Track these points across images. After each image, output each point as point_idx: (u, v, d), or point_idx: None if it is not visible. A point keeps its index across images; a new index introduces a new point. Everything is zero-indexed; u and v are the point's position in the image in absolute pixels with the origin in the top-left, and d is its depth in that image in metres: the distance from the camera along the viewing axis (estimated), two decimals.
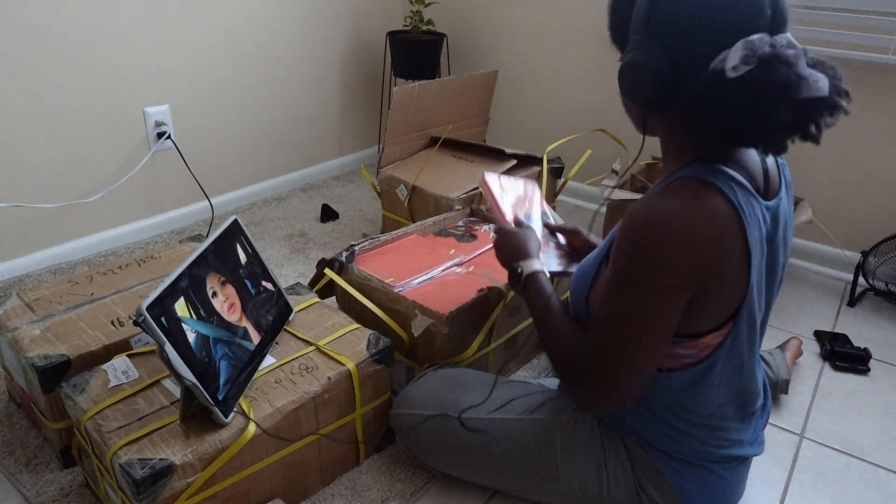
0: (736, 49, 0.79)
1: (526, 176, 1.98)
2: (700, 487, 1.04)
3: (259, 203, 2.37)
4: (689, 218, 0.84)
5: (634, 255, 0.86)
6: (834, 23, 1.83)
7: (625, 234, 0.88)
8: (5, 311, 1.27)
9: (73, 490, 1.18)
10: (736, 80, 0.79)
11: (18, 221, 1.79)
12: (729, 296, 0.89)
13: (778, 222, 0.94)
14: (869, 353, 1.62)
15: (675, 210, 0.84)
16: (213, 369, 1.00)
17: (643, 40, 0.86)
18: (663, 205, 0.85)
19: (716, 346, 0.93)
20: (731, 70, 0.79)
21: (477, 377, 1.22)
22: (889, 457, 1.35)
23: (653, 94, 0.87)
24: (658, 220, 0.84)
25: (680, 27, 0.84)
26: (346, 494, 1.20)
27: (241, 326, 1.10)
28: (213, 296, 1.06)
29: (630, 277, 0.88)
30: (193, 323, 1.00)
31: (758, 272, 0.90)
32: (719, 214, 0.85)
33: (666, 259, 0.84)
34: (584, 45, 2.30)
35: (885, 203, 1.92)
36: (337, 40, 2.47)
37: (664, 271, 0.85)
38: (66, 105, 1.79)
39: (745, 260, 0.88)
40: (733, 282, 0.88)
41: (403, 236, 1.60)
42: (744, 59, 0.78)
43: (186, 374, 0.95)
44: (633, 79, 0.88)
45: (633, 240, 0.86)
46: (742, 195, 0.87)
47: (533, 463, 1.10)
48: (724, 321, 0.91)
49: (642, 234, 0.85)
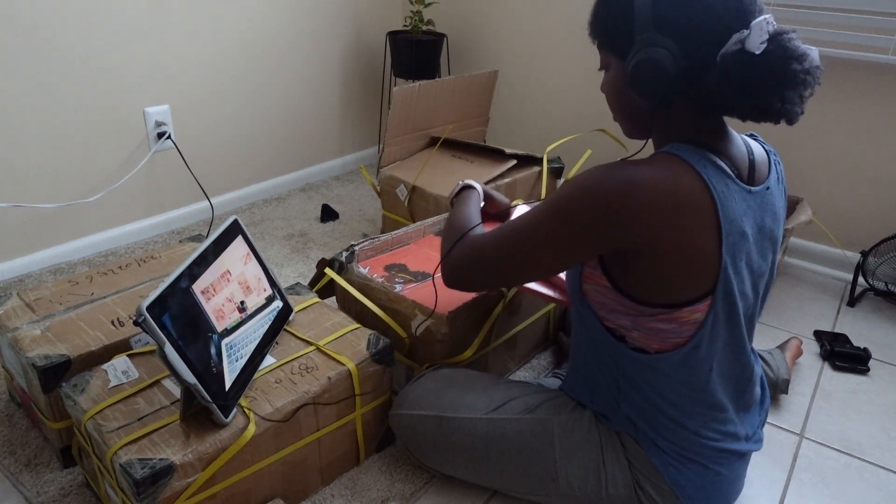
0: (756, 29, 0.82)
1: (526, 176, 1.99)
2: (697, 484, 1.04)
3: (259, 203, 2.37)
4: (643, 181, 0.87)
5: (572, 189, 0.91)
6: (834, 23, 1.83)
7: (571, 179, 0.93)
8: (5, 311, 1.27)
9: (73, 490, 1.18)
10: (759, 57, 0.83)
11: (18, 221, 1.79)
12: (696, 268, 0.91)
13: (766, 209, 0.97)
14: (869, 353, 1.62)
15: (632, 171, 0.88)
16: (213, 369, 1.00)
17: (654, 37, 0.87)
18: (622, 165, 0.89)
19: (697, 324, 0.94)
20: (758, 47, 0.82)
21: (476, 377, 1.22)
22: (889, 457, 1.35)
23: (671, 88, 0.89)
24: (612, 174, 0.88)
25: (693, 19, 0.86)
26: (346, 494, 1.20)
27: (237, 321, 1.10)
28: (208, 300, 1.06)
29: (554, 204, 0.93)
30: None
31: (731, 250, 0.91)
32: (680, 185, 0.87)
33: (597, 206, 0.88)
34: (585, 46, 2.30)
35: (885, 203, 1.92)
36: (337, 40, 2.47)
37: (586, 215, 0.89)
38: (66, 105, 1.79)
39: (714, 235, 0.89)
40: (698, 254, 0.90)
41: (403, 236, 1.60)
42: (763, 36, 0.82)
43: (186, 374, 0.95)
44: (651, 76, 0.89)
45: (581, 180, 0.91)
46: (714, 173, 0.90)
47: (532, 463, 1.10)
48: (700, 296, 0.92)
49: (591, 178, 0.90)
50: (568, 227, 0.92)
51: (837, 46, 1.83)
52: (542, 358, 1.59)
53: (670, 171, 0.88)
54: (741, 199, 0.92)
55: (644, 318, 0.96)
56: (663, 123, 0.97)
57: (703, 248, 0.89)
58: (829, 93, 1.90)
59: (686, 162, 0.89)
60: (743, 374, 1.06)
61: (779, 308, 1.85)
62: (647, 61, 0.88)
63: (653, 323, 0.95)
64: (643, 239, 0.88)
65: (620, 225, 0.88)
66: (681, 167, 0.89)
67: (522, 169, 2.00)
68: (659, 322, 0.95)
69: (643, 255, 0.90)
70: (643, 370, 1.01)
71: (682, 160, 0.89)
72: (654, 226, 0.87)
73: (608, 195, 0.87)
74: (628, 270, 0.94)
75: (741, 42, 0.83)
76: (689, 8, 0.86)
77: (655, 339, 0.97)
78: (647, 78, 0.89)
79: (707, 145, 0.93)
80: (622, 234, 0.89)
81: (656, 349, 0.98)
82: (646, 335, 0.97)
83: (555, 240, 0.93)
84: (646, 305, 0.94)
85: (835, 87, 1.89)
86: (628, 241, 0.89)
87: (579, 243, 0.92)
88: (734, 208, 0.91)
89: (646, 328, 0.96)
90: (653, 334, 0.97)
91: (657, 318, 0.95)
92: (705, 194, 0.88)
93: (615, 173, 0.88)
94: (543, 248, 0.95)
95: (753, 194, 0.95)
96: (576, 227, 0.91)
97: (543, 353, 1.60)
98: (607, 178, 0.88)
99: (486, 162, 2.00)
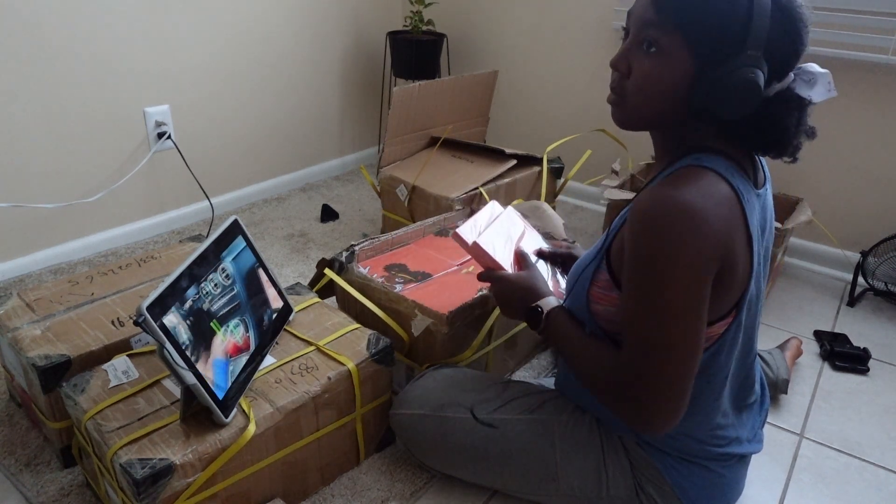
0: (822, 78, 0.89)
1: (526, 176, 1.99)
2: (699, 486, 1.04)
3: (259, 203, 2.37)
4: (704, 201, 0.83)
5: (658, 247, 0.83)
6: (834, 23, 1.83)
7: (641, 228, 0.85)
8: (6, 311, 1.27)
9: (74, 490, 1.18)
10: (793, 99, 0.89)
11: (18, 221, 1.79)
12: (737, 282, 0.90)
13: (766, 210, 0.98)
14: (868, 353, 1.62)
15: (688, 196, 0.83)
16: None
17: (760, 60, 0.84)
18: (674, 193, 0.83)
19: (719, 336, 0.94)
20: (814, 96, 0.89)
21: (477, 377, 1.22)
22: (889, 457, 1.35)
23: (753, 110, 0.86)
24: (673, 207, 0.83)
25: (785, 55, 0.87)
26: (346, 494, 1.20)
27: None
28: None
29: (657, 270, 0.84)
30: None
31: (758, 257, 0.92)
32: (725, 199, 0.86)
33: (690, 244, 0.82)
34: (584, 45, 2.30)
35: (885, 203, 1.92)
36: (337, 40, 2.47)
37: (689, 257, 0.82)
38: (67, 105, 1.79)
39: (747, 245, 0.89)
40: (741, 267, 0.89)
41: (403, 236, 1.60)
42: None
43: (186, 374, 0.95)
44: (745, 96, 0.85)
45: (653, 232, 0.84)
46: (741, 182, 0.89)
47: (532, 463, 1.10)
48: (729, 309, 0.92)
49: (660, 223, 0.83)
50: (676, 265, 0.83)
51: (837, 46, 1.83)
52: (542, 358, 1.59)
53: (712, 184, 0.86)
54: (755, 204, 0.92)
55: None
56: (688, 128, 0.94)
57: (742, 261, 0.89)
58: None
59: (715, 171, 0.87)
60: (748, 377, 1.06)
61: (779, 308, 1.85)
62: (749, 82, 0.84)
63: None
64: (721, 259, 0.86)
65: (711, 241, 0.84)
66: (716, 179, 0.86)
67: (522, 169, 2.00)
68: None
69: (717, 277, 0.87)
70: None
71: (712, 171, 0.87)
72: (722, 242, 0.85)
73: (685, 218, 0.83)
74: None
75: (798, 82, 0.89)
76: (791, 44, 0.86)
77: None
78: (741, 98, 0.85)
79: (724, 151, 0.91)
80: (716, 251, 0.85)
81: None
82: None
83: (676, 283, 0.84)
84: None
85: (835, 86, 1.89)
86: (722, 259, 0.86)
87: (701, 283, 0.85)
88: (754, 215, 0.91)
89: None
90: None
91: None
92: (738, 206, 0.87)
93: (668, 199, 0.84)
94: (687, 316, 0.85)
95: (760, 197, 0.95)
96: (681, 257, 0.83)
97: (543, 353, 1.60)
98: (664, 207, 0.84)
99: (486, 162, 2.00)
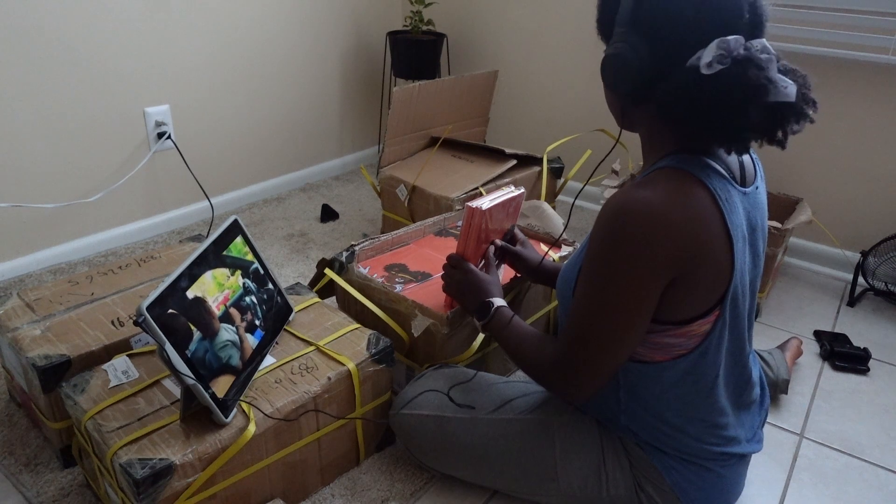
0: (711, 47, 0.82)
1: (526, 176, 1.98)
2: (699, 486, 1.04)
3: (259, 203, 2.37)
4: (666, 206, 0.86)
5: (611, 245, 0.88)
6: (834, 23, 1.82)
7: (602, 224, 0.90)
8: (6, 311, 1.27)
9: (73, 490, 1.18)
10: (709, 78, 0.82)
11: (18, 221, 1.79)
12: (713, 281, 0.91)
13: (757, 208, 0.98)
14: (868, 353, 1.62)
15: (650, 198, 0.86)
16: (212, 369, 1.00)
17: (628, 33, 0.89)
18: (639, 194, 0.87)
19: (705, 334, 0.94)
20: (706, 67, 0.82)
21: (477, 377, 1.22)
22: (889, 457, 1.35)
23: (633, 86, 0.90)
24: (634, 209, 0.86)
25: (664, 22, 0.86)
26: (346, 494, 1.20)
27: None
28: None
29: (607, 265, 0.89)
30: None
31: (741, 257, 0.92)
32: (696, 200, 0.87)
33: (643, 247, 0.86)
34: (584, 45, 2.30)
35: (885, 203, 1.92)
36: (337, 40, 2.47)
37: (641, 259, 0.87)
38: (66, 105, 1.79)
39: (727, 245, 0.89)
40: (717, 267, 0.90)
41: (403, 236, 1.60)
42: (718, 57, 0.81)
43: (186, 374, 0.95)
44: (616, 70, 0.91)
45: (610, 229, 0.88)
46: (718, 182, 0.90)
47: (532, 463, 1.10)
48: (710, 308, 0.92)
49: (619, 223, 0.87)
50: (627, 265, 0.88)
51: (837, 46, 1.83)
52: None
53: (682, 187, 0.87)
54: (739, 203, 0.92)
55: (652, 335, 0.95)
56: (646, 121, 0.96)
57: (719, 260, 0.89)
58: (829, 93, 1.90)
59: (688, 172, 0.88)
60: (742, 375, 1.06)
61: (779, 308, 1.85)
62: (613, 56, 0.90)
63: (660, 338, 0.95)
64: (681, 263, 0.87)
65: (667, 245, 0.86)
66: (687, 181, 0.88)
67: (522, 169, 2.00)
68: (667, 337, 0.95)
69: (676, 281, 0.89)
70: (646, 381, 1.00)
71: (685, 173, 0.89)
72: (685, 245, 0.86)
73: (636, 218, 0.86)
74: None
75: (697, 59, 0.83)
76: (663, 12, 0.86)
77: (660, 352, 0.96)
78: (613, 71, 0.92)
79: (704, 150, 0.92)
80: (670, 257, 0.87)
81: (660, 360, 0.97)
82: (651, 349, 0.97)
83: (621, 282, 0.89)
84: (655, 323, 0.94)
85: (835, 87, 1.89)
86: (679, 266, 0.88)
87: (646, 284, 0.88)
88: (736, 214, 0.91)
89: (652, 343, 0.96)
90: (658, 348, 0.96)
91: (666, 335, 0.94)
92: (715, 206, 0.88)
93: (632, 200, 0.87)
94: (625, 314, 0.91)
95: (747, 195, 0.95)
96: (632, 259, 0.87)
97: None
98: (626, 208, 0.87)
99: (485, 162, 2.00)
